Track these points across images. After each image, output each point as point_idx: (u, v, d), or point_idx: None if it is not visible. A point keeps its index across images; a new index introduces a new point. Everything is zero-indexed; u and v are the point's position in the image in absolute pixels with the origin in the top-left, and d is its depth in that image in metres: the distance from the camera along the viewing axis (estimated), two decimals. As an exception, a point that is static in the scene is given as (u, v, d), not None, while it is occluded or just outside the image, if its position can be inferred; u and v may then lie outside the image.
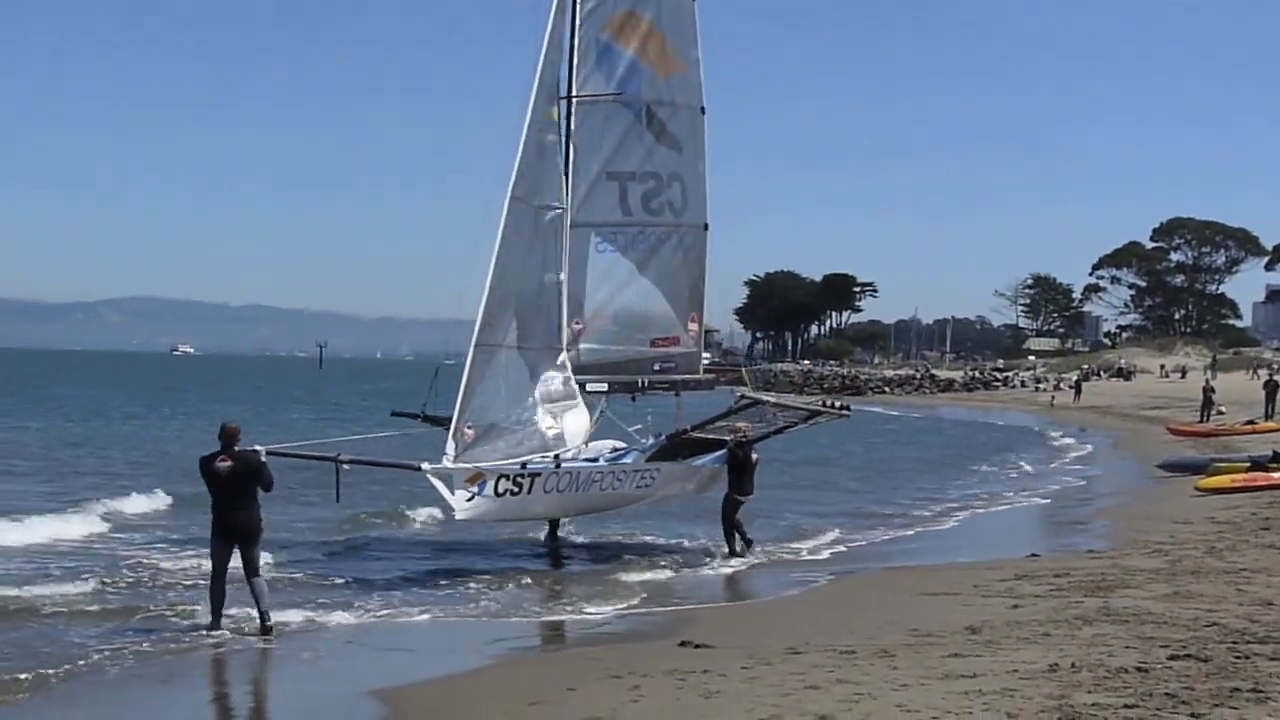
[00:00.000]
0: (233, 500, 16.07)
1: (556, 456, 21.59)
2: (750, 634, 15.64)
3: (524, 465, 20.88)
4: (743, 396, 24.41)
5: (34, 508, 25.97)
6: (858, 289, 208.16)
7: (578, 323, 23.46)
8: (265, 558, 17.63)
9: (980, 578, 19.33)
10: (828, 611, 17.63)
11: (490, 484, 20.40)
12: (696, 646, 14.66)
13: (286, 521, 24.72)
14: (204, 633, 15.88)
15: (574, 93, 23.11)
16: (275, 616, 16.26)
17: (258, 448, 16.80)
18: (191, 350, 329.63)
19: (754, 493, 23.23)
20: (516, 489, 20.70)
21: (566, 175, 23.05)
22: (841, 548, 25.14)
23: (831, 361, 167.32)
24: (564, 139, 22.98)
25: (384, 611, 17.84)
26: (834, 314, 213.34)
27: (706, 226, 24.69)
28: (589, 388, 23.60)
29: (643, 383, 24.42)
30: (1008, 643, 14.02)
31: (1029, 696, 11.40)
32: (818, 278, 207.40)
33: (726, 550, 22.88)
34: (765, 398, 24.24)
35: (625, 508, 24.47)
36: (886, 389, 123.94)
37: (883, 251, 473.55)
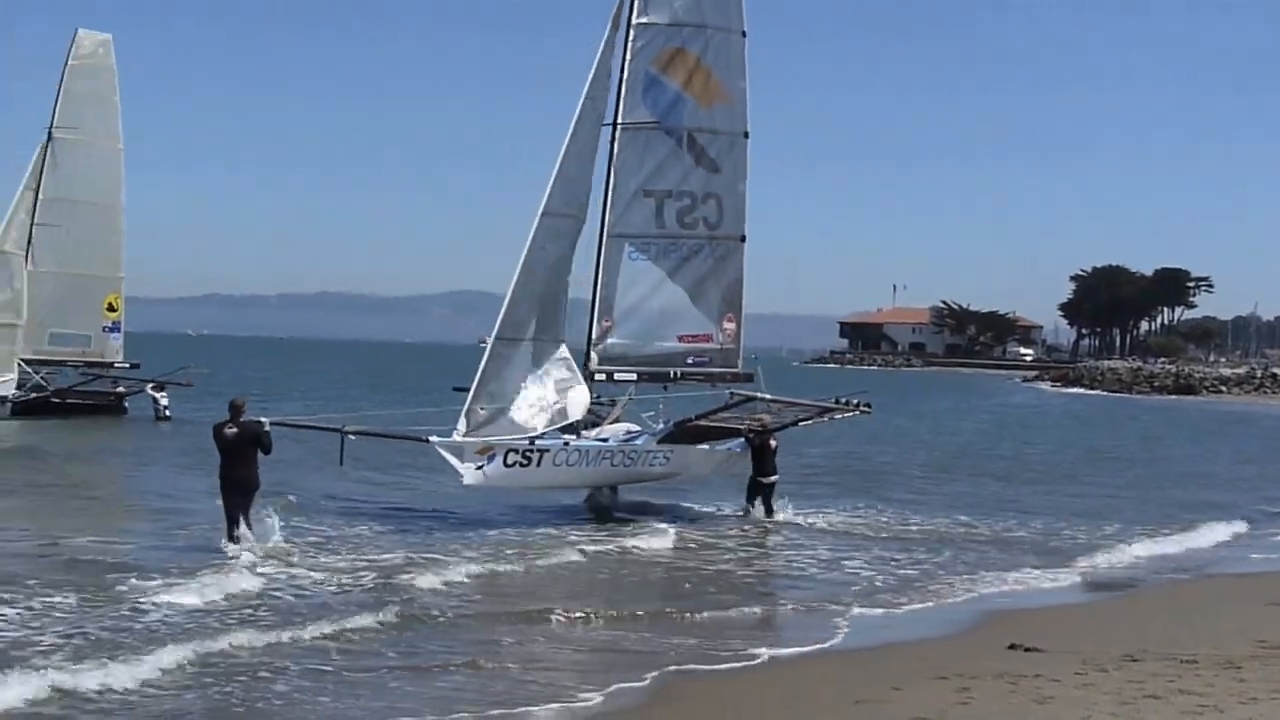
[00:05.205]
0: (236, 460, 19.35)
1: (572, 429, 24.17)
2: (1082, 638, 15.10)
3: (533, 441, 23.28)
4: (733, 394, 26.79)
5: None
6: (1192, 284, 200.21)
7: (607, 321, 25.93)
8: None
9: (1334, 588, 18.27)
10: (1164, 617, 16.91)
11: (500, 457, 22.90)
12: (1027, 650, 14.24)
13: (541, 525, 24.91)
14: (225, 543, 19.04)
15: (619, 120, 25.67)
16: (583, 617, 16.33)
17: (262, 419, 20.30)
18: None
19: (777, 475, 25.56)
20: (526, 462, 23.27)
21: (606, 193, 25.79)
22: (1181, 547, 24.22)
23: (1162, 359, 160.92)
24: (607, 161, 25.71)
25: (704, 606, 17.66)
26: (1165, 310, 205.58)
27: (744, 238, 27.05)
28: (617, 377, 26.09)
29: (675, 374, 26.54)
30: (1367, 658, 13.18)
31: (1394, 717, 10.68)
32: (1148, 272, 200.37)
33: (745, 510, 25.45)
34: (760, 395, 26.20)
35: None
36: (1223, 388, 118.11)
37: (1220, 245, 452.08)
